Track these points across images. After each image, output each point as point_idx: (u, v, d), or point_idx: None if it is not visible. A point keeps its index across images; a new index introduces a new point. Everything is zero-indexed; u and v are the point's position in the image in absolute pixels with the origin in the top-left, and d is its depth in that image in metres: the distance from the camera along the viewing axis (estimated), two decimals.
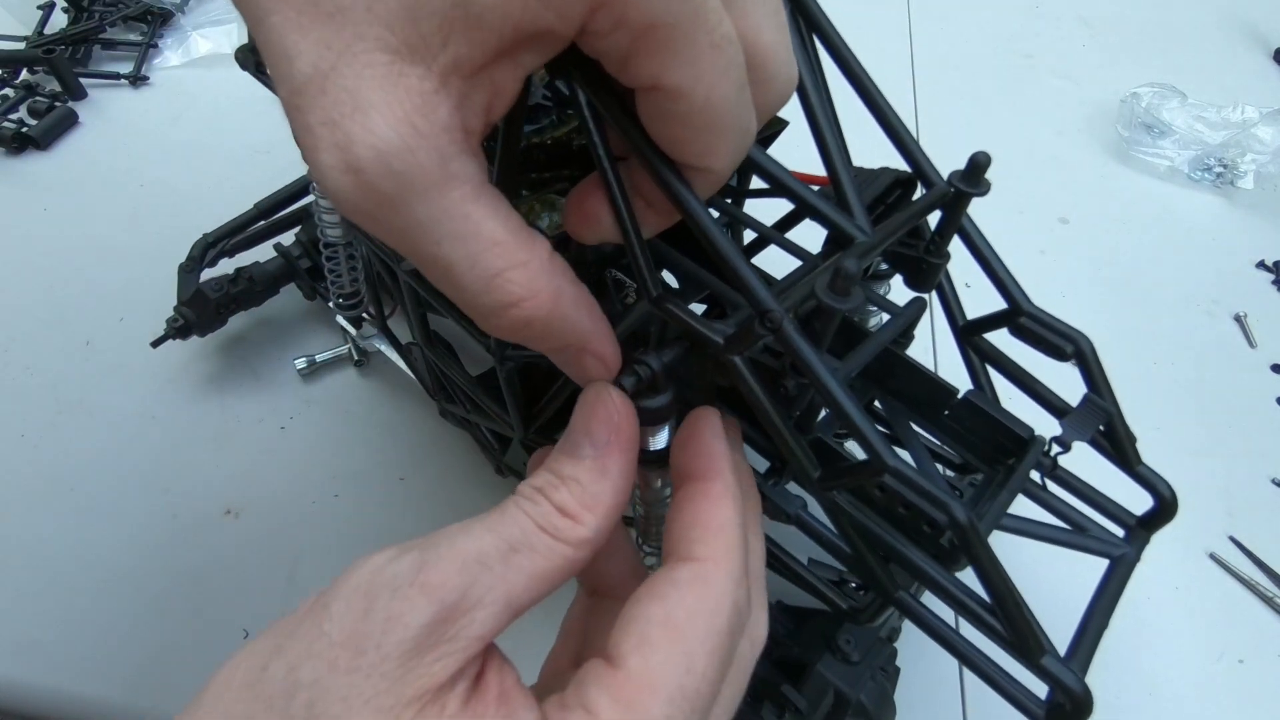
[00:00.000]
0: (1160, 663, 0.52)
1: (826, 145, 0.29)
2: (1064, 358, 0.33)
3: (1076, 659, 0.30)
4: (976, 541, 0.26)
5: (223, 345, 0.65)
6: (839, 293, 0.24)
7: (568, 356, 0.26)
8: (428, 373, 0.53)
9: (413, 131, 0.20)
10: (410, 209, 0.21)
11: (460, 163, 0.21)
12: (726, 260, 0.25)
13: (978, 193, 0.31)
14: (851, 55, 0.32)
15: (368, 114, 0.19)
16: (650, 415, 0.28)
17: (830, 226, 0.29)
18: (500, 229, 0.22)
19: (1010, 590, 0.27)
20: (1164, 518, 0.34)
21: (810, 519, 0.32)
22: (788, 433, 0.28)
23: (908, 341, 0.38)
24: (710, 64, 0.21)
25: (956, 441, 0.36)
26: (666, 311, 0.27)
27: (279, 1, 0.19)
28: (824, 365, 0.24)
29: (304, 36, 0.19)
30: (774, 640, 0.43)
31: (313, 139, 0.20)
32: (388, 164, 0.20)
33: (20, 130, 0.78)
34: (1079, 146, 0.89)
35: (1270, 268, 0.78)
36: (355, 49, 0.19)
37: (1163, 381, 0.68)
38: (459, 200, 0.21)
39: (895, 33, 1.02)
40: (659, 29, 0.20)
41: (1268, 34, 1.06)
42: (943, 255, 0.34)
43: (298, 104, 0.20)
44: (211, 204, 0.66)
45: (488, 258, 0.22)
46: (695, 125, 0.22)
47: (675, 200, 0.25)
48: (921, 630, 0.31)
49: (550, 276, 0.23)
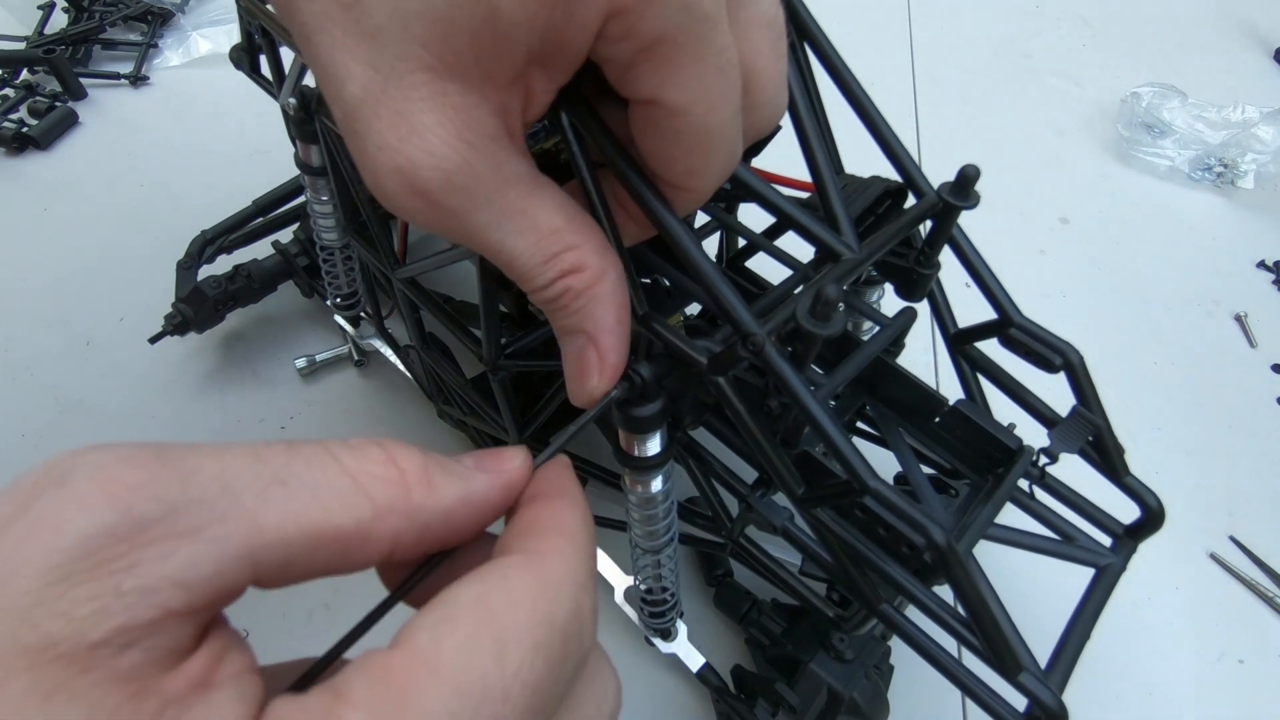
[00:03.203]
0: (1160, 663, 0.52)
1: (815, 158, 0.29)
2: (1053, 369, 0.33)
3: (1057, 671, 0.30)
4: (955, 563, 0.26)
5: (221, 342, 0.65)
6: (819, 318, 0.24)
7: (577, 345, 0.26)
8: (425, 375, 0.53)
9: (468, 147, 0.21)
10: (474, 215, 0.22)
11: (512, 165, 0.22)
12: (708, 284, 0.25)
13: (967, 206, 0.31)
14: (843, 63, 0.32)
15: (424, 137, 0.20)
16: (640, 424, 0.28)
17: (816, 243, 0.29)
18: (558, 218, 0.23)
19: (988, 609, 0.27)
20: (1151, 528, 0.34)
21: (797, 531, 0.32)
22: (771, 451, 0.28)
23: (898, 350, 0.38)
24: (712, 86, 0.21)
25: (946, 450, 0.36)
26: (652, 330, 0.27)
27: (325, 19, 0.20)
28: (806, 387, 0.24)
29: (352, 57, 0.20)
30: (769, 637, 0.43)
31: (372, 163, 0.21)
32: (451, 182, 0.21)
33: (20, 130, 0.78)
34: (1079, 146, 0.89)
35: (1270, 267, 0.78)
36: (399, 69, 0.20)
37: (1163, 381, 0.68)
38: (516, 199, 0.23)
39: (895, 33, 1.01)
40: (666, 44, 0.20)
41: (1268, 34, 1.05)
42: (933, 266, 0.34)
43: (354, 128, 0.21)
44: (211, 204, 0.66)
45: (547, 244, 0.23)
46: (687, 144, 0.23)
47: (656, 222, 0.25)
48: (904, 642, 0.31)
49: (601, 257, 0.24)
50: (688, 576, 0.54)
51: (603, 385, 0.26)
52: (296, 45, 0.21)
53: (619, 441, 0.33)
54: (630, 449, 0.32)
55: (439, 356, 0.49)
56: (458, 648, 0.16)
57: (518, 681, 0.16)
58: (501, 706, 0.16)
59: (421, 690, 0.15)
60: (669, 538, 0.38)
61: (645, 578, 0.41)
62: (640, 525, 0.37)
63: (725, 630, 0.51)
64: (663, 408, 0.29)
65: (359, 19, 0.20)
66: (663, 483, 0.35)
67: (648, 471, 0.33)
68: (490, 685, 0.16)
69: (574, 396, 0.27)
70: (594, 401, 0.26)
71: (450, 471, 0.19)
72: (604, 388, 0.26)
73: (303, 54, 0.21)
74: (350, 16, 0.20)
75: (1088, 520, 0.36)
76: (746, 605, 0.47)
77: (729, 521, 0.40)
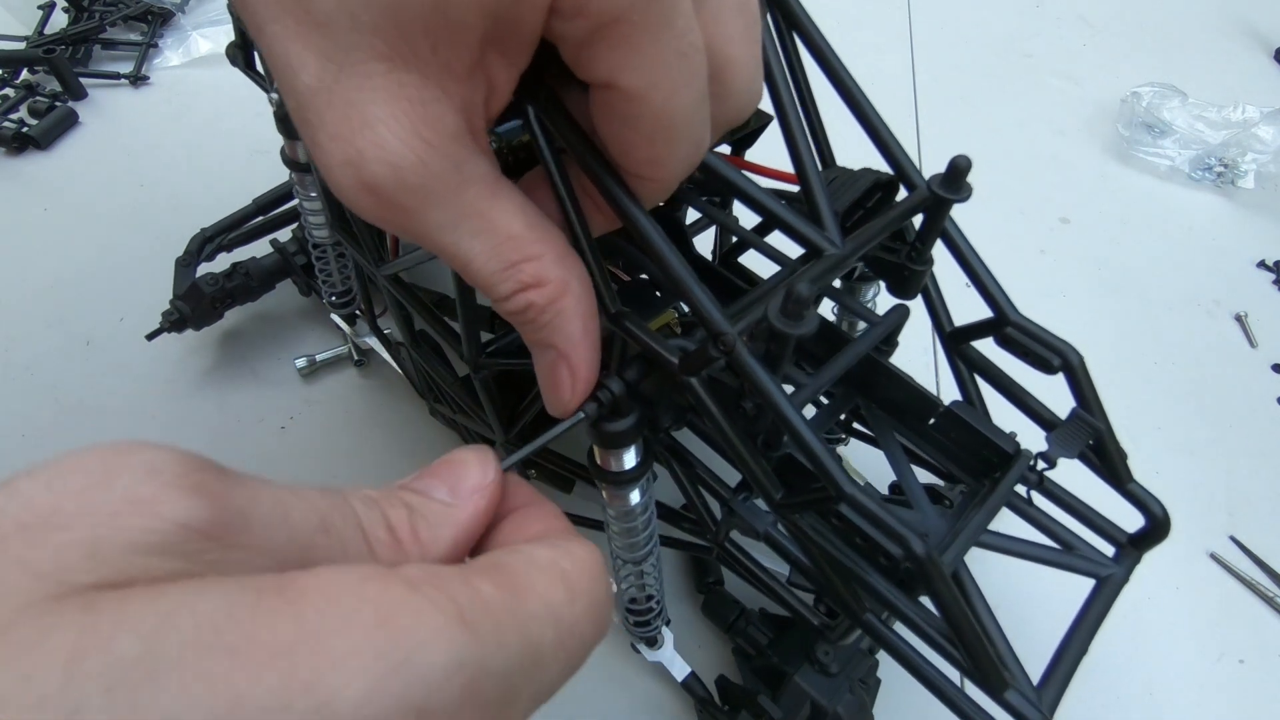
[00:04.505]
0: (1160, 663, 0.52)
1: (797, 150, 0.28)
2: (1051, 370, 0.31)
3: (1050, 687, 0.28)
4: (935, 575, 0.24)
5: (220, 340, 0.65)
6: (791, 317, 0.23)
7: (548, 360, 0.25)
8: (416, 373, 0.52)
9: (422, 144, 0.20)
10: (428, 214, 0.21)
11: (472, 165, 0.21)
12: (676, 280, 0.24)
13: (958, 198, 0.30)
14: (833, 53, 0.31)
15: (376, 129, 0.20)
16: (613, 439, 0.27)
17: (797, 239, 0.28)
18: (516, 223, 0.22)
19: (970, 623, 0.26)
20: (1156, 537, 0.33)
21: (780, 536, 0.32)
22: (747, 454, 0.27)
23: (891, 349, 0.37)
24: (671, 71, 0.20)
25: (942, 453, 0.34)
26: (625, 330, 0.26)
27: (277, 8, 0.19)
28: (778, 388, 0.24)
29: (304, 46, 0.19)
30: (755, 648, 0.42)
31: (325, 155, 0.20)
32: (403, 179, 0.20)
33: (20, 130, 0.79)
34: (1079, 146, 0.89)
35: (1271, 267, 0.77)
36: (353, 59, 0.19)
37: (1163, 381, 0.68)
38: (473, 200, 0.22)
39: (895, 33, 1.01)
40: (622, 24, 0.19)
41: (1268, 34, 1.05)
42: (925, 262, 0.33)
43: (306, 118, 0.20)
44: (211, 204, 0.66)
45: (504, 251, 0.22)
46: (646, 131, 0.22)
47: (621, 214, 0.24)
48: (889, 654, 0.30)
49: (562, 269, 0.23)
50: (678, 580, 0.53)
51: (577, 398, 0.26)
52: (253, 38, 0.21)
53: (593, 456, 0.32)
54: (605, 464, 0.31)
55: (429, 354, 0.48)
56: (546, 582, 0.18)
57: (576, 631, 0.18)
58: (569, 639, 0.18)
59: (532, 590, 0.17)
60: (650, 548, 0.37)
61: (628, 586, 0.40)
62: (620, 537, 0.36)
63: (714, 638, 0.51)
64: (636, 421, 0.28)
65: (309, 8, 0.19)
66: (640, 494, 0.34)
67: (624, 485, 0.32)
68: (561, 618, 0.18)
69: (550, 408, 0.27)
70: (569, 413, 0.26)
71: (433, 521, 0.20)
72: (579, 399, 0.26)
73: (258, 46, 0.21)
74: (301, 6, 0.19)
75: (1089, 527, 0.34)
76: (734, 614, 0.46)
77: (714, 525, 0.40)
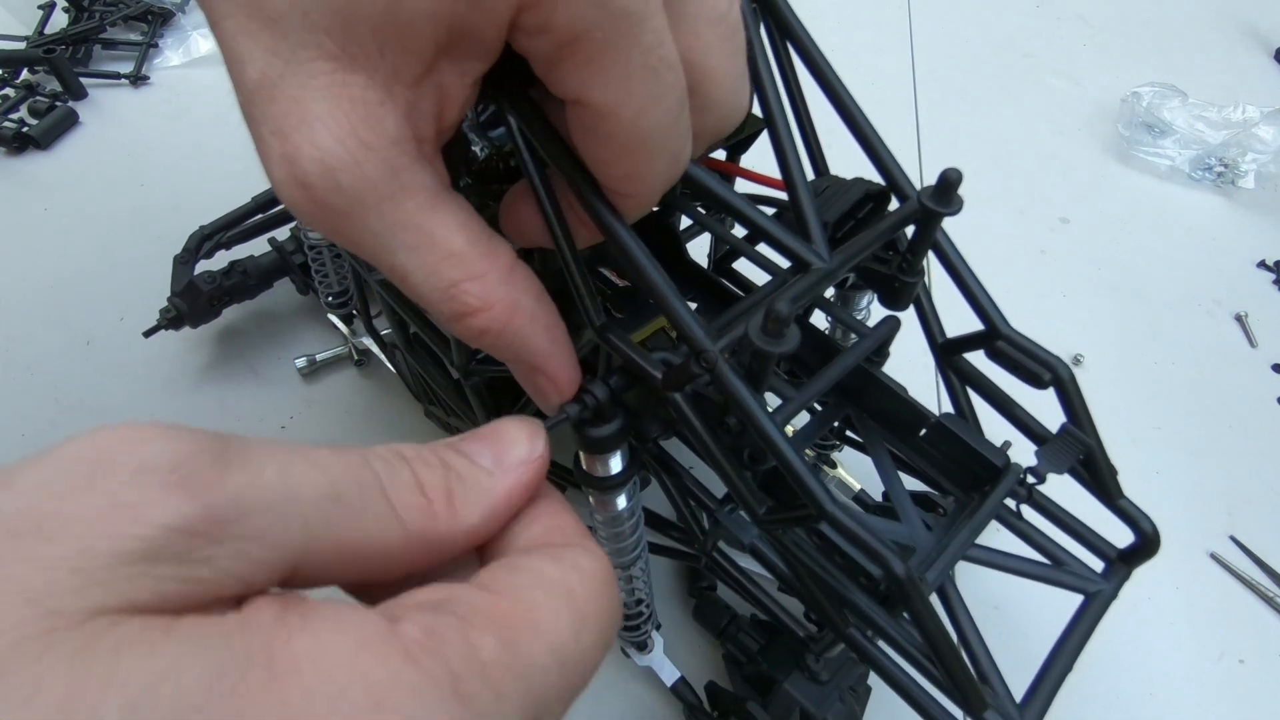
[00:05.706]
0: (1160, 663, 0.52)
1: (787, 163, 0.28)
2: (1041, 385, 0.31)
3: (1034, 704, 0.28)
4: (915, 596, 0.24)
5: (219, 339, 0.65)
6: (772, 335, 0.22)
7: (523, 372, 0.25)
8: (410, 375, 0.52)
9: (359, 145, 0.20)
10: (363, 221, 0.21)
11: (412, 173, 0.21)
12: (658, 296, 0.24)
13: (949, 211, 0.29)
14: (825, 61, 0.31)
15: (313, 126, 0.19)
16: (598, 444, 0.27)
17: (784, 252, 0.28)
18: (458, 239, 0.22)
19: (948, 643, 0.25)
20: (1146, 553, 0.32)
21: (765, 549, 0.32)
22: (731, 470, 0.27)
23: (882, 360, 0.36)
24: (642, 86, 0.20)
25: (932, 465, 0.34)
26: (609, 342, 0.26)
27: (230, 4, 0.19)
28: (759, 405, 0.24)
29: (254, 42, 0.19)
30: (745, 654, 0.42)
31: (265, 149, 0.20)
32: (335, 179, 0.20)
33: (21, 130, 0.79)
34: (1079, 146, 0.88)
35: (1271, 267, 0.77)
36: (300, 56, 0.19)
37: (1163, 381, 0.68)
38: (412, 211, 0.21)
39: (895, 33, 1.01)
40: (586, 42, 0.19)
41: (1268, 34, 1.05)
42: (916, 273, 0.33)
43: (251, 112, 0.20)
44: (212, 203, 0.66)
45: (444, 268, 0.22)
46: (619, 147, 0.21)
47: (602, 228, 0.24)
48: (872, 669, 0.30)
49: (508, 288, 0.23)
50: (670, 584, 0.53)
51: (565, 398, 0.26)
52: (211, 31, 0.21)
53: (579, 460, 0.32)
54: (592, 469, 0.31)
55: (423, 356, 0.48)
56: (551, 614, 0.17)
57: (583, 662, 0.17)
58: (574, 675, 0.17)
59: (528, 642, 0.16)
60: (638, 554, 0.37)
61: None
62: (607, 543, 0.36)
63: (705, 643, 0.51)
64: (620, 427, 0.28)
65: (262, 4, 0.19)
66: (627, 500, 0.34)
67: (610, 491, 0.32)
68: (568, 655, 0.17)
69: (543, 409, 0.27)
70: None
71: (471, 487, 0.19)
72: (567, 399, 0.26)
73: (215, 40, 0.20)
74: (253, 2, 0.19)
75: (1079, 542, 0.34)
76: (725, 620, 0.46)
77: (702, 535, 0.39)
